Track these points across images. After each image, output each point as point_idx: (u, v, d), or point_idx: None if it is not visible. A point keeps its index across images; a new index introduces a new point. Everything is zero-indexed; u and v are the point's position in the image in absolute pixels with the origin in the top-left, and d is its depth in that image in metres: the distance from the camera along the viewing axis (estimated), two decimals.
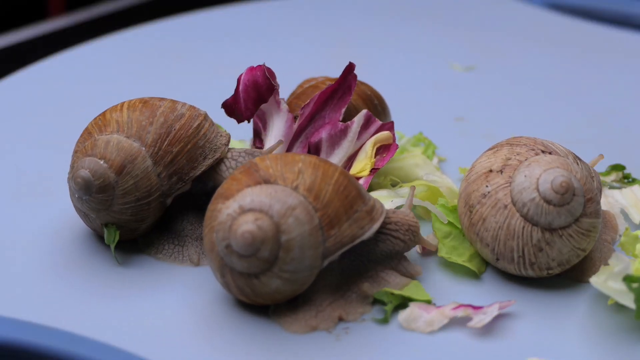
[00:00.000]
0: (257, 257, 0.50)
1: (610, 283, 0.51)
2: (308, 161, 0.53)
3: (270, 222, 0.50)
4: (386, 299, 0.53)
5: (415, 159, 0.66)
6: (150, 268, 0.56)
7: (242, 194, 0.51)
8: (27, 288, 0.54)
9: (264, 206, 0.50)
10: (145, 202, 0.55)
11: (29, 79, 0.84)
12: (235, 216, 0.50)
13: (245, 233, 0.50)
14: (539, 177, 0.54)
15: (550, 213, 0.53)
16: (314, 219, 0.51)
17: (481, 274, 0.56)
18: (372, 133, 0.61)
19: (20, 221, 0.60)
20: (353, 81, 0.61)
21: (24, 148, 0.71)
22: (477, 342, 0.51)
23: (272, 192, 0.51)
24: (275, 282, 0.51)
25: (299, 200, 0.51)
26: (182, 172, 0.56)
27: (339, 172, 0.53)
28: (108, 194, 0.55)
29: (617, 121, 0.78)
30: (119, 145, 0.55)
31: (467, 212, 0.56)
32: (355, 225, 0.52)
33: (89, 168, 0.54)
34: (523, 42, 0.98)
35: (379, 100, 0.66)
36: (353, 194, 0.53)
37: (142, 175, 0.55)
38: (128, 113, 0.56)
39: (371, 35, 0.99)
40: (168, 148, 0.56)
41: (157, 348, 0.50)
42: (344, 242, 0.52)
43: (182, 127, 0.56)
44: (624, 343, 0.51)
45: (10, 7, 1.20)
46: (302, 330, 0.51)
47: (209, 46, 0.95)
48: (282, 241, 0.50)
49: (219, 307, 0.53)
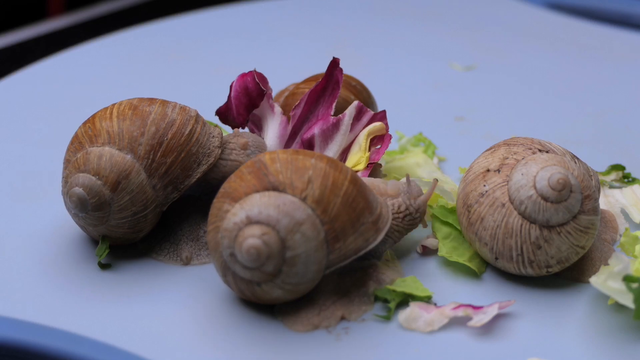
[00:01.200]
0: (260, 270, 0.50)
1: (610, 283, 0.51)
2: (319, 168, 0.52)
3: (276, 237, 0.50)
4: (389, 296, 0.53)
5: (417, 158, 0.66)
6: (150, 268, 0.56)
7: (250, 202, 0.50)
8: (27, 288, 0.54)
9: (272, 220, 0.50)
10: (142, 215, 0.55)
11: (29, 79, 0.84)
12: (241, 226, 0.50)
13: (251, 249, 0.49)
14: (536, 174, 0.54)
15: (548, 210, 0.53)
16: (320, 233, 0.51)
17: (481, 274, 0.56)
18: (365, 124, 0.61)
19: (20, 221, 0.60)
20: (340, 75, 0.61)
21: (23, 148, 0.71)
22: (477, 342, 0.51)
23: (280, 205, 0.50)
24: (277, 291, 0.51)
25: (306, 215, 0.50)
26: (177, 181, 0.56)
27: (349, 181, 0.52)
28: (104, 211, 0.54)
29: (617, 121, 0.78)
30: (112, 159, 0.54)
31: (466, 212, 0.56)
32: (361, 238, 0.52)
33: (83, 185, 0.54)
34: (523, 42, 0.98)
35: (365, 90, 0.65)
36: (361, 205, 0.52)
37: (138, 190, 0.54)
38: (118, 122, 0.55)
39: (371, 35, 0.99)
40: (161, 159, 0.55)
41: (157, 348, 0.50)
42: (347, 255, 0.52)
43: (174, 136, 0.56)
44: (623, 343, 0.51)
45: (10, 7, 1.20)
46: (305, 329, 0.51)
47: (209, 46, 0.95)
48: (287, 257, 0.50)
49: (218, 307, 0.53)
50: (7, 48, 1.00)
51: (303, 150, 0.53)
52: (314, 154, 0.53)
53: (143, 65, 0.89)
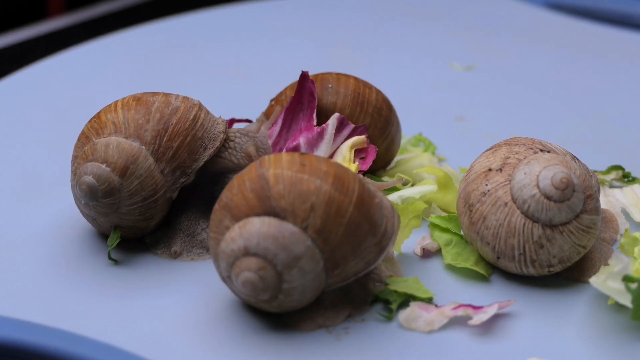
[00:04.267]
0: (255, 297, 0.50)
1: (610, 283, 0.51)
2: (323, 193, 0.50)
3: (273, 272, 0.49)
4: (390, 297, 0.53)
5: (421, 159, 0.66)
6: (150, 268, 0.56)
7: (249, 229, 0.49)
8: (28, 288, 0.54)
9: (269, 254, 0.49)
10: (153, 200, 0.55)
11: (29, 79, 0.84)
12: (239, 255, 0.49)
13: (246, 282, 0.49)
14: (539, 173, 0.54)
15: (551, 209, 0.53)
16: (319, 263, 0.50)
17: (489, 276, 0.56)
18: (346, 136, 0.61)
19: (20, 221, 0.60)
20: (312, 86, 0.61)
21: (24, 148, 0.71)
22: (477, 342, 0.51)
23: (279, 237, 0.49)
24: (273, 309, 0.51)
25: (305, 247, 0.49)
26: (184, 165, 0.56)
27: (354, 205, 0.50)
28: (114, 197, 0.55)
29: (617, 121, 0.78)
30: (119, 147, 0.55)
31: (467, 212, 0.56)
32: (362, 262, 0.51)
33: (92, 173, 0.54)
34: (523, 42, 0.98)
35: (389, 108, 0.65)
36: (365, 230, 0.51)
37: (146, 175, 0.55)
38: (123, 113, 0.56)
39: (371, 35, 0.99)
40: (168, 144, 0.56)
41: (157, 348, 0.50)
42: (347, 277, 0.51)
43: (179, 121, 0.56)
44: (623, 343, 0.51)
45: (10, 7, 1.20)
46: (310, 328, 0.51)
47: (209, 46, 0.95)
48: (284, 288, 0.49)
49: (218, 307, 0.53)
50: (7, 48, 1.00)
51: (310, 163, 0.51)
52: (320, 170, 0.51)
53: (143, 65, 0.89)
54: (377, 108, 0.63)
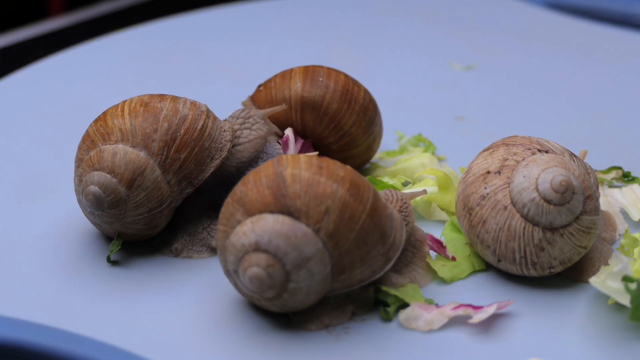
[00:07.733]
0: (260, 294, 0.50)
1: (609, 283, 0.51)
2: (338, 198, 0.50)
3: (281, 271, 0.49)
4: (389, 300, 0.53)
5: (422, 159, 0.66)
6: (151, 268, 0.56)
7: (262, 225, 0.49)
8: (28, 288, 0.54)
9: (280, 252, 0.49)
10: (158, 211, 0.55)
11: (29, 79, 0.84)
12: (249, 250, 0.49)
13: (254, 277, 0.49)
14: (538, 176, 0.54)
15: (551, 213, 0.53)
16: (327, 267, 0.50)
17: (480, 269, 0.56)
18: (299, 149, 0.62)
19: (21, 221, 0.60)
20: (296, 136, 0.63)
21: (24, 148, 0.71)
22: (477, 342, 0.51)
23: (291, 237, 0.49)
24: (274, 308, 0.51)
25: (316, 249, 0.49)
26: (191, 176, 0.56)
27: (367, 213, 0.51)
28: (120, 208, 0.54)
29: (617, 121, 0.78)
30: (127, 157, 0.54)
31: (467, 215, 0.56)
32: (368, 270, 0.51)
33: (99, 184, 0.54)
34: (523, 42, 0.98)
35: (373, 108, 0.65)
36: (375, 238, 0.51)
37: (153, 187, 0.55)
38: (130, 119, 0.55)
39: (371, 35, 0.99)
40: (175, 155, 0.55)
41: (158, 348, 0.50)
42: (351, 284, 0.51)
43: (187, 132, 0.56)
44: (623, 343, 0.51)
45: (10, 7, 1.20)
46: (317, 328, 0.51)
47: (209, 46, 0.95)
48: (289, 288, 0.50)
49: (219, 307, 0.53)
50: (7, 48, 1.00)
51: (327, 167, 0.51)
52: (337, 175, 0.51)
53: (143, 65, 0.89)
54: (364, 107, 0.63)
